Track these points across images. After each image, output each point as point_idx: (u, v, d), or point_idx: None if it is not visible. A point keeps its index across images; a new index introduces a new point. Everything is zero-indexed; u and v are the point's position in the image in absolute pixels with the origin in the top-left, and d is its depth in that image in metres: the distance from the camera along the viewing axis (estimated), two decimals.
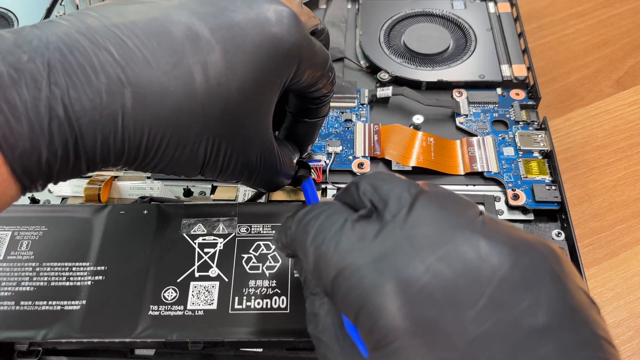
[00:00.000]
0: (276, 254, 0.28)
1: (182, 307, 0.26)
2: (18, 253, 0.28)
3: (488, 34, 0.43)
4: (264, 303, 0.26)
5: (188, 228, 0.29)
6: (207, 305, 0.26)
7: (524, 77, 0.40)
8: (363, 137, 0.37)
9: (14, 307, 0.26)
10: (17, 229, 0.29)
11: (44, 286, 0.27)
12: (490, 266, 0.16)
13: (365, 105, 0.39)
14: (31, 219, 0.29)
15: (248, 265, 0.28)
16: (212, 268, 0.27)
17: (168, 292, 0.27)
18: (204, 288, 0.27)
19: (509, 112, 0.38)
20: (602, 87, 0.46)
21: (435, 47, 0.42)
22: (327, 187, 0.34)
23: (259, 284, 0.27)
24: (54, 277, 0.27)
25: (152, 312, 0.26)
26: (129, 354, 0.28)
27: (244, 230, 0.29)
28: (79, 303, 0.26)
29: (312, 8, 0.47)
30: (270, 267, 0.27)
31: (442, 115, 0.39)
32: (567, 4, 0.53)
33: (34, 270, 0.27)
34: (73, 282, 0.27)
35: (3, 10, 0.47)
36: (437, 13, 0.45)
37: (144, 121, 0.20)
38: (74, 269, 0.27)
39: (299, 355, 0.27)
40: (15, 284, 0.27)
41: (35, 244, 0.28)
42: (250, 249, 0.28)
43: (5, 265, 0.27)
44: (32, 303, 0.26)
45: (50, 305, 0.26)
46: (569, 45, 0.50)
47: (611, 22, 0.51)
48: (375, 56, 0.42)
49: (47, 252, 0.28)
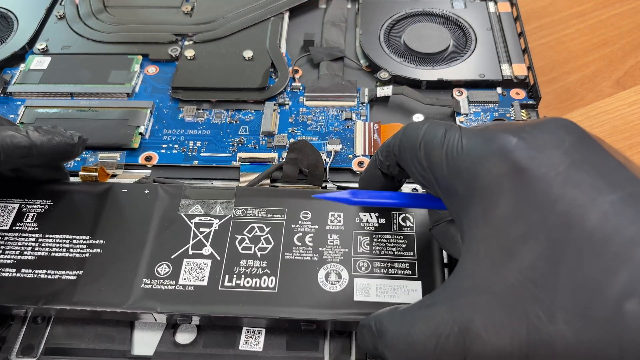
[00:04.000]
0: (269, 237, 0.28)
1: (174, 282, 0.27)
2: (23, 224, 0.29)
3: (488, 34, 0.43)
4: (253, 282, 0.27)
5: (186, 208, 0.30)
6: (198, 281, 0.27)
7: (524, 77, 0.40)
8: (363, 135, 0.37)
9: (15, 274, 0.27)
10: (25, 202, 0.30)
11: (45, 256, 0.28)
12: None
13: (365, 104, 0.39)
14: (38, 193, 0.30)
15: (241, 246, 0.28)
16: (206, 247, 0.28)
17: (161, 267, 0.27)
18: (196, 265, 0.28)
19: (509, 112, 0.38)
20: (602, 87, 0.46)
21: (435, 46, 0.42)
22: (327, 186, 0.34)
23: (250, 264, 0.28)
24: (55, 248, 0.28)
25: (145, 285, 0.27)
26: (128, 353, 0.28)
27: (239, 213, 0.29)
28: (75, 274, 0.27)
29: (312, 8, 0.47)
30: (262, 249, 0.28)
31: (442, 115, 0.39)
32: (567, 4, 0.53)
33: (37, 240, 0.29)
34: (72, 254, 0.28)
35: (3, 10, 0.47)
36: (437, 12, 0.45)
37: None
38: (74, 241, 0.29)
39: (299, 355, 0.27)
40: (18, 252, 0.28)
41: (41, 217, 0.29)
42: (245, 231, 0.29)
43: (11, 235, 0.29)
44: (32, 271, 0.28)
45: (48, 275, 0.27)
46: (569, 45, 0.50)
47: (611, 22, 0.51)
48: (375, 55, 0.42)
49: (50, 225, 0.29)
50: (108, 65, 0.42)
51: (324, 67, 0.42)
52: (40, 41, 0.44)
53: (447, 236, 0.26)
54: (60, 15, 0.46)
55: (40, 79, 0.41)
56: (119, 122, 0.38)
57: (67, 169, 0.35)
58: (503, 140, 0.20)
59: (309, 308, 0.26)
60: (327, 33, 0.45)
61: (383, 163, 0.26)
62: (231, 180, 0.35)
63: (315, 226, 0.29)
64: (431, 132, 0.22)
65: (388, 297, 0.26)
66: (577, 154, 0.19)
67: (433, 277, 0.27)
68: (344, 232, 0.29)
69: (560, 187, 0.18)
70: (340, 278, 0.27)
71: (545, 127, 0.20)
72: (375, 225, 0.29)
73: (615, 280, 0.16)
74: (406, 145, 0.23)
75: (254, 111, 0.39)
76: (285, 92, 0.40)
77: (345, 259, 0.28)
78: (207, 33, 0.44)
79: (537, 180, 0.18)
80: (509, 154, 0.19)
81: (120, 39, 0.44)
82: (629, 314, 0.15)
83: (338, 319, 0.26)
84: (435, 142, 0.22)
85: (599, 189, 0.17)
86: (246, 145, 0.37)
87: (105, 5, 0.47)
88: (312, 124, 0.38)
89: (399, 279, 0.27)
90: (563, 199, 0.18)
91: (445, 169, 0.21)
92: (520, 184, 0.19)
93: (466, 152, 0.21)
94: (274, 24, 0.45)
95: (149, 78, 0.42)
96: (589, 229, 0.17)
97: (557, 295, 0.17)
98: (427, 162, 0.22)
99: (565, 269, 0.17)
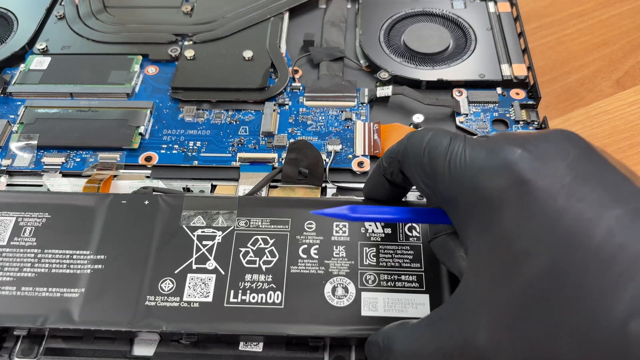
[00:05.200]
0: (274, 249, 0.28)
1: (178, 298, 0.26)
2: (21, 239, 0.28)
3: (488, 34, 0.43)
4: (259, 297, 0.26)
5: (188, 220, 0.29)
6: (203, 297, 0.26)
7: (524, 77, 0.40)
8: (363, 136, 0.37)
9: (15, 292, 0.27)
10: (21, 215, 0.29)
11: (45, 273, 0.27)
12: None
13: (365, 104, 0.39)
14: (35, 206, 0.29)
15: (245, 259, 0.28)
16: (210, 261, 0.28)
17: (165, 283, 0.27)
18: (200, 280, 0.27)
19: (509, 112, 0.38)
20: (602, 87, 0.46)
21: (435, 46, 0.42)
22: (326, 187, 0.34)
23: (255, 278, 0.27)
24: (55, 265, 0.28)
25: (149, 302, 0.26)
26: (128, 353, 0.28)
27: (242, 224, 0.29)
28: (77, 291, 0.27)
29: (312, 8, 0.47)
30: (267, 262, 0.28)
31: (442, 115, 0.39)
32: (567, 4, 0.53)
33: (36, 256, 0.28)
34: (73, 270, 0.27)
35: (3, 10, 0.47)
36: (437, 12, 0.45)
37: None
38: (75, 256, 0.28)
39: (299, 355, 0.27)
40: (17, 269, 0.27)
41: (38, 231, 0.29)
42: (248, 243, 0.28)
43: (9, 250, 0.28)
44: (32, 289, 0.27)
45: (50, 292, 0.27)
46: (569, 45, 0.50)
47: (611, 22, 0.51)
48: (375, 55, 0.42)
49: (49, 239, 0.28)
50: (108, 66, 0.42)
51: (324, 67, 0.42)
52: (40, 41, 0.44)
53: (446, 250, 0.25)
54: (60, 15, 0.46)
55: (40, 79, 0.41)
56: (119, 123, 0.38)
57: (67, 170, 0.35)
58: (507, 152, 0.19)
59: (316, 324, 0.26)
60: (327, 33, 0.45)
61: (387, 169, 0.26)
62: (231, 180, 0.35)
63: (320, 237, 0.28)
64: (436, 140, 0.22)
65: (396, 312, 0.26)
66: (582, 167, 0.18)
67: (441, 289, 0.27)
68: (349, 244, 0.28)
69: (564, 201, 0.17)
70: (347, 292, 0.27)
71: (550, 138, 0.20)
72: (381, 235, 0.28)
73: (620, 299, 0.15)
74: (410, 152, 0.23)
75: (254, 111, 0.39)
76: (285, 92, 0.40)
77: (351, 272, 0.27)
78: (207, 33, 0.44)
79: (541, 193, 0.18)
80: (512, 165, 0.19)
81: (120, 39, 0.44)
82: (634, 333, 0.15)
83: (346, 335, 0.25)
84: (439, 151, 0.22)
85: (604, 203, 0.17)
86: (246, 146, 0.37)
87: (105, 5, 0.47)
88: (312, 124, 0.38)
89: (407, 292, 0.26)
90: (567, 213, 0.17)
91: (447, 179, 0.21)
92: (523, 196, 0.18)
93: (469, 163, 0.20)
94: (273, 24, 0.45)
95: (148, 78, 0.42)
96: (594, 245, 0.16)
97: (561, 314, 0.16)
98: (430, 170, 0.22)
99: (569, 287, 0.16)
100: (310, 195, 0.33)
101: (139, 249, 0.28)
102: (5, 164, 0.36)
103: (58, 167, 0.36)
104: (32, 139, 0.37)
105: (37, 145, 0.36)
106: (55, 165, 0.36)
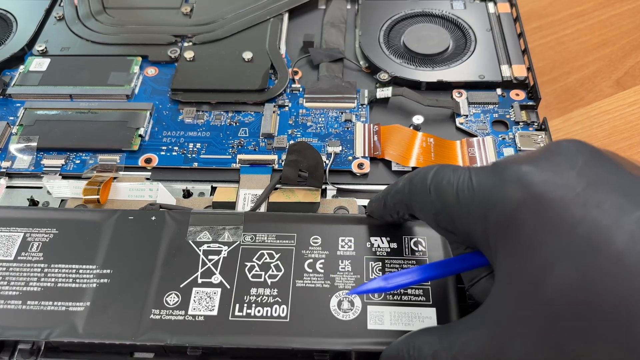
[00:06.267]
0: (279, 263, 0.28)
1: (183, 312, 0.26)
2: (28, 254, 0.28)
3: (488, 34, 0.43)
4: (264, 311, 0.26)
5: (194, 235, 0.29)
6: (208, 311, 0.26)
7: (524, 78, 0.40)
8: (363, 137, 0.37)
9: (20, 306, 0.27)
10: (29, 231, 0.29)
11: (51, 287, 0.27)
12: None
13: (365, 105, 0.39)
14: (43, 221, 0.30)
15: (251, 274, 0.28)
16: (215, 275, 0.28)
17: (170, 297, 0.27)
18: (205, 294, 0.27)
19: (508, 113, 0.38)
20: (602, 87, 0.46)
21: (435, 47, 0.42)
22: (326, 188, 0.34)
23: (261, 292, 0.27)
24: (61, 279, 0.28)
25: (154, 315, 0.26)
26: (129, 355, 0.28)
27: (248, 239, 0.29)
28: (83, 305, 0.27)
29: (312, 9, 0.47)
30: (273, 276, 0.27)
31: (442, 116, 0.39)
32: (567, 4, 0.53)
33: (42, 271, 0.28)
34: (79, 284, 0.27)
35: (2, 11, 0.47)
36: (437, 13, 0.45)
37: None
38: (81, 271, 0.28)
39: None
40: (24, 284, 0.27)
41: (45, 246, 0.29)
42: (254, 258, 0.28)
43: (16, 265, 0.28)
44: (38, 303, 0.27)
45: (55, 306, 0.27)
46: (569, 45, 0.49)
47: (611, 22, 0.51)
48: (375, 56, 0.42)
49: (56, 254, 0.28)
50: (107, 67, 0.42)
51: (324, 68, 0.42)
52: (40, 42, 0.44)
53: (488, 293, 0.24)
54: (59, 16, 0.46)
55: (39, 81, 0.41)
56: (119, 124, 0.38)
57: (67, 172, 0.35)
58: (514, 169, 0.19)
59: (322, 337, 0.25)
60: (327, 34, 0.44)
61: (393, 209, 0.26)
62: (231, 182, 0.35)
63: (325, 252, 0.28)
64: (439, 174, 0.22)
65: (402, 325, 0.26)
66: (592, 173, 0.18)
67: (447, 303, 0.26)
68: (355, 258, 0.28)
69: (580, 209, 0.17)
70: (353, 306, 0.26)
71: (555, 149, 0.20)
72: (387, 250, 0.28)
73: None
74: (416, 192, 0.23)
75: (254, 113, 0.39)
76: (285, 93, 0.40)
77: (357, 286, 0.27)
78: (207, 34, 0.44)
79: (555, 204, 0.18)
80: (522, 179, 0.19)
81: (119, 41, 0.44)
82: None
83: (353, 348, 0.25)
84: (444, 184, 0.22)
85: (621, 208, 0.17)
86: (246, 147, 0.37)
87: (104, 6, 0.47)
88: (312, 125, 0.38)
89: (413, 305, 0.26)
90: (585, 221, 0.17)
91: (457, 207, 0.21)
92: (537, 209, 0.18)
93: (477, 188, 0.20)
94: (273, 25, 0.45)
95: (148, 80, 0.42)
96: (616, 251, 0.16)
97: (593, 323, 0.16)
98: (440, 206, 0.22)
99: (597, 295, 0.16)
100: (311, 196, 0.33)
101: (144, 264, 0.28)
102: (5, 166, 0.36)
103: (58, 169, 0.36)
104: (32, 141, 0.37)
105: (36, 147, 0.36)
106: (55, 167, 0.36)
